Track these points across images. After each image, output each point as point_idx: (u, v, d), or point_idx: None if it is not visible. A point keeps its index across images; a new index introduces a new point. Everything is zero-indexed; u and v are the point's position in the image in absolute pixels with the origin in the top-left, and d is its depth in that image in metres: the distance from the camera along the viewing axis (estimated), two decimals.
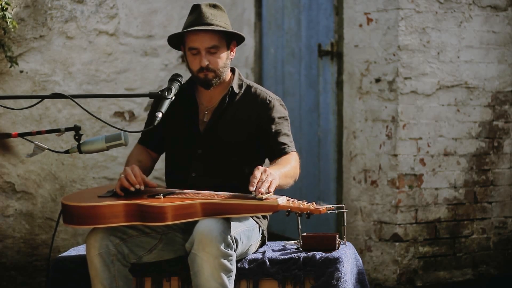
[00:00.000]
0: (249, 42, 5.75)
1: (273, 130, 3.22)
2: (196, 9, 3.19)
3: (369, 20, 4.95)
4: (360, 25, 5.00)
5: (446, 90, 4.97)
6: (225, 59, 3.19)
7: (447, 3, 4.93)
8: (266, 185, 2.84)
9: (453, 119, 5.00)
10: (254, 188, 2.84)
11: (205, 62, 3.14)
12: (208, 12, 3.16)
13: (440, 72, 4.94)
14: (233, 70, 3.32)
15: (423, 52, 4.88)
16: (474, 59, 5.04)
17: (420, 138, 4.90)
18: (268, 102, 3.25)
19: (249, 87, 3.30)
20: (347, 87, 5.09)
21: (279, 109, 3.26)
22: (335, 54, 5.18)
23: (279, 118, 3.24)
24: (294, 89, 5.58)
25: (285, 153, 3.20)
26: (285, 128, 3.25)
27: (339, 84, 5.16)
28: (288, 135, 3.25)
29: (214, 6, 3.21)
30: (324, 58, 5.26)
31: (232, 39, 3.24)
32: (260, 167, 2.92)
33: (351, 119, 5.06)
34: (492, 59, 5.10)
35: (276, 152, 3.21)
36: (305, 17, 5.44)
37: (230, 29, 3.20)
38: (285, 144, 3.22)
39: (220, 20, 3.17)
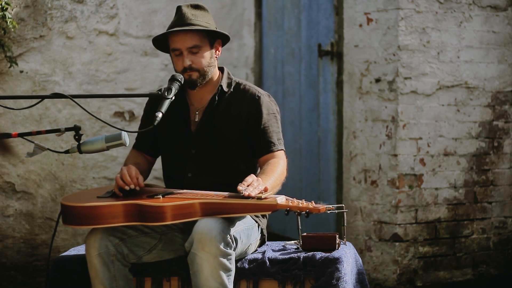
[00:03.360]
0: (249, 42, 5.75)
1: (262, 127, 3.22)
2: (178, 10, 3.22)
3: (369, 20, 4.95)
4: (360, 25, 5.00)
5: (446, 90, 4.97)
6: (208, 58, 3.20)
7: (447, 3, 4.93)
8: (255, 191, 2.86)
9: (453, 119, 5.00)
10: (243, 189, 2.85)
11: (188, 62, 3.15)
12: (189, 12, 3.18)
13: (440, 72, 4.94)
14: (221, 69, 3.33)
15: (423, 52, 4.88)
16: (474, 59, 5.04)
17: (420, 138, 4.90)
18: (257, 98, 3.26)
19: (238, 84, 3.31)
20: (347, 87, 5.09)
21: (268, 105, 3.27)
22: (335, 54, 5.18)
23: (268, 114, 3.25)
24: (294, 89, 5.58)
25: (271, 151, 3.21)
26: (274, 124, 3.26)
27: (339, 84, 5.16)
28: (277, 132, 3.25)
29: (196, 6, 3.23)
30: (324, 58, 5.26)
31: (216, 38, 3.24)
32: (253, 175, 2.95)
33: (351, 119, 5.06)
34: (492, 59, 5.10)
35: (264, 150, 3.22)
36: (305, 17, 5.44)
37: (212, 28, 3.21)
38: (272, 143, 3.22)
39: (202, 20, 3.18)
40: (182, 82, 3.14)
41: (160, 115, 2.97)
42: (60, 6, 5.04)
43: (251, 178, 2.93)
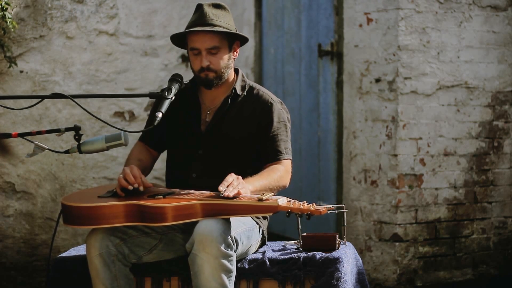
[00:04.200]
0: (249, 42, 5.71)
1: (271, 135, 3.21)
2: (199, 9, 3.19)
3: (369, 20, 4.95)
4: (360, 25, 5.00)
5: (446, 90, 4.97)
6: (226, 59, 3.18)
7: (447, 3, 4.93)
8: (234, 191, 2.87)
9: (453, 119, 5.00)
10: (223, 189, 2.86)
11: (206, 63, 3.14)
12: (210, 12, 3.16)
13: (440, 72, 4.94)
14: (236, 71, 3.31)
15: (423, 52, 4.88)
16: (474, 59, 5.04)
17: (420, 138, 4.90)
18: (269, 105, 3.25)
19: (251, 88, 3.29)
20: (347, 87, 5.09)
21: (280, 113, 3.26)
22: (335, 54, 5.18)
23: (278, 122, 3.24)
24: (294, 89, 5.58)
25: (277, 160, 3.20)
26: (283, 133, 3.24)
27: (339, 84, 5.16)
28: (285, 141, 3.24)
29: (218, 6, 3.20)
30: (324, 58, 5.26)
31: (234, 40, 3.23)
32: (233, 174, 2.94)
33: (351, 119, 5.06)
34: (492, 59, 5.10)
35: (270, 158, 3.21)
36: (305, 17, 5.44)
37: (232, 29, 3.19)
38: (279, 151, 3.21)
39: (223, 21, 3.16)
40: (182, 82, 3.14)
41: (160, 115, 2.96)
42: (60, 6, 5.04)
43: (230, 177, 2.93)
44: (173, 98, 3.05)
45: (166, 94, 3.03)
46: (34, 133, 2.97)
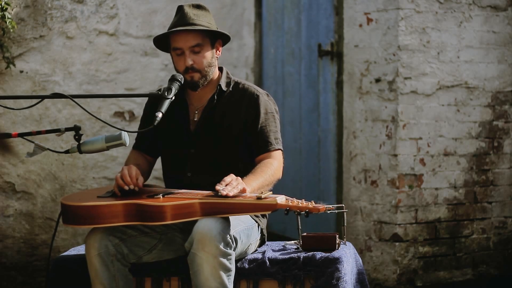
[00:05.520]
0: (249, 42, 5.74)
1: (260, 126, 3.23)
2: (180, 10, 3.23)
3: (369, 20, 4.95)
4: (360, 25, 5.00)
5: (446, 90, 4.97)
6: (210, 58, 3.21)
7: (447, 3, 4.93)
8: (234, 191, 2.87)
9: (453, 119, 5.00)
10: (221, 188, 2.87)
11: (189, 62, 3.16)
12: (191, 12, 3.19)
13: (440, 72, 4.94)
14: (221, 69, 3.34)
15: (423, 52, 4.88)
16: (474, 59, 5.04)
17: (420, 138, 4.90)
18: (255, 97, 3.27)
19: (237, 83, 3.32)
20: (347, 87, 5.09)
21: (266, 104, 3.28)
22: (335, 54, 5.18)
23: (266, 113, 3.26)
24: (294, 89, 5.58)
25: (268, 151, 3.22)
26: (272, 124, 3.26)
27: (339, 84, 5.16)
28: (274, 132, 3.26)
29: (198, 6, 3.24)
30: (324, 58, 5.26)
31: (216, 38, 3.25)
32: (232, 175, 2.95)
33: (351, 119, 5.06)
34: (492, 59, 5.10)
35: (260, 149, 3.23)
36: (305, 17, 5.44)
37: (213, 28, 3.22)
38: (269, 142, 3.23)
39: (203, 20, 3.19)
40: (182, 82, 3.15)
41: (160, 115, 2.97)
42: (60, 6, 5.04)
43: (229, 177, 2.94)
44: (173, 98, 3.06)
45: (166, 94, 3.04)
46: (34, 133, 2.97)
